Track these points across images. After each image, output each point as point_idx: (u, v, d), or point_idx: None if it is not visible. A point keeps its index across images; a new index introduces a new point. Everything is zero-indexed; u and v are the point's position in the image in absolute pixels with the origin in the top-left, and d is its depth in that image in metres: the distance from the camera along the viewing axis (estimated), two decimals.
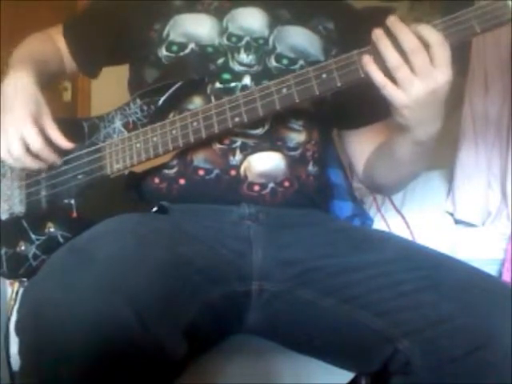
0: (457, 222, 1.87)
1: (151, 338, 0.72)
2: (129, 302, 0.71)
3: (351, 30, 1.10)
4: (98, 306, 0.70)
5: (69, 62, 1.19)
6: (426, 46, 0.83)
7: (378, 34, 0.86)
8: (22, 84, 0.99)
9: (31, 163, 0.99)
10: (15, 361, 0.93)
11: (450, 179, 1.95)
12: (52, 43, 1.17)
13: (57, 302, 0.71)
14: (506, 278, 1.64)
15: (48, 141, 1.00)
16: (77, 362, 0.69)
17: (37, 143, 0.97)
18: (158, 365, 0.73)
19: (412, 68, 0.83)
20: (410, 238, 1.59)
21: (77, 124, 1.06)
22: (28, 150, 0.97)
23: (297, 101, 0.92)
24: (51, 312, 0.71)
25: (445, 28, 0.85)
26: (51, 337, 0.70)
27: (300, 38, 1.07)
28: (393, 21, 0.85)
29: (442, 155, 2.04)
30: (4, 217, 1.05)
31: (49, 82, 1.13)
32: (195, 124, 0.96)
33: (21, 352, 0.75)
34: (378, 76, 0.86)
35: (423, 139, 0.92)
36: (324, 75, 0.90)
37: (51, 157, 1.00)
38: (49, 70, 1.11)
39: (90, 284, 0.72)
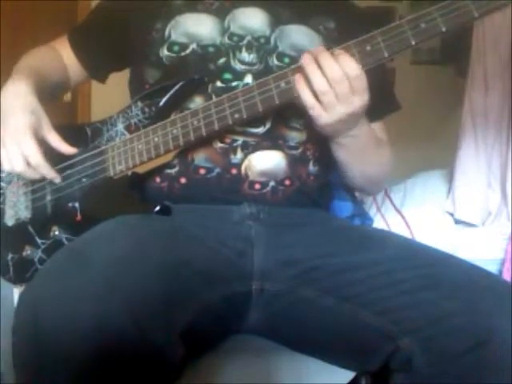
0: (457, 222, 1.87)
1: (147, 340, 0.72)
2: (126, 305, 0.71)
3: (352, 29, 1.09)
4: (95, 309, 0.70)
5: (74, 73, 1.19)
6: (346, 75, 0.88)
7: (306, 59, 0.90)
8: (19, 94, 0.99)
9: (33, 175, 1.00)
10: None
11: (450, 179, 1.95)
12: (55, 55, 1.18)
13: (55, 304, 0.71)
14: (506, 277, 1.64)
15: (50, 148, 1.00)
16: (74, 364, 0.70)
17: (36, 158, 0.97)
18: (156, 366, 0.73)
19: (335, 95, 0.89)
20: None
21: (80, 129, 1.07)
22: (28, 164, 0.97)
23: (295, 95, 0.92)
24: (49, 314, 0.71)
25: (442, 14, 0.86)
26: (49, 339, 0.70)
27: (301, 37, 1.07)
28: (319, 50, 0.90)
29: (442, 155, 2.05)
30: (10, 223, 1.06)
31: (52, 94, 1.13)
32: (195, 122, 0.96)
33: (17, 353, 0.75)
34: (307, 97, 0.91)
35: (344, 142, 1.00)
36: None
37: (50, 172, 1.00)
38: (51, 82, 1.11)
39: (87, 286, 0.72)
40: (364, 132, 1.00)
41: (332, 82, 0.88)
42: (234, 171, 1.00)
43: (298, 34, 1.07)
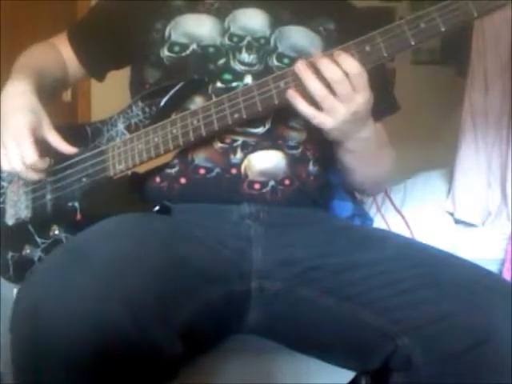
0: (457, 221, 1.87)
1: (146, 339, 0.72)
2: (124, 303, 0.71)
3: (352, 30, 1.09)
4: (94, 307, 0.70)
5: (73, 70, 1.19)
6: (346, 74, 0.88)
7: (300, 67, 0.90)
8: (19, 94, 0.99)
9: (33, 176, 0.99)
10: None
11: (450, 179, 1.95)
12: (54, 52, 1.18)
13: (53, 302, 0.71)
14: (506, 277, 1.64)
15: (50, 147, 1.00)
16: (73, 363, 0.70)
17: (30, 157, 0.95)
18: (154, 365, 0.73)
19: (336, 96, 0.89)
20: None
21: (80, 129, 1.07)
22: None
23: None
24: (48, 313, 0.71)
25: (442, 14, 0.86)
26: (47, 337, 0.70)
27: (301, 38, 1.07)
28: (315, 54, 0.91)
29: (442, 155, 2.05)
30: (11, 222, 1.06)
31: (51, 91, 1.13)
32: (195, 122, 0.97)
33: (16, 352, 0.75)
34: (306, 109, 0.91)
35: (355, 147, 1.00)
36: None
37: (45, 170, 1.00)
38: (51, 79, 1.11)
39: (86, 285, 0.72)
40: (374, 134, 0.99)
41: (332, 83, 0.88)
42: (233, 171, 1.00)
43: (297, 35, 1.07)
